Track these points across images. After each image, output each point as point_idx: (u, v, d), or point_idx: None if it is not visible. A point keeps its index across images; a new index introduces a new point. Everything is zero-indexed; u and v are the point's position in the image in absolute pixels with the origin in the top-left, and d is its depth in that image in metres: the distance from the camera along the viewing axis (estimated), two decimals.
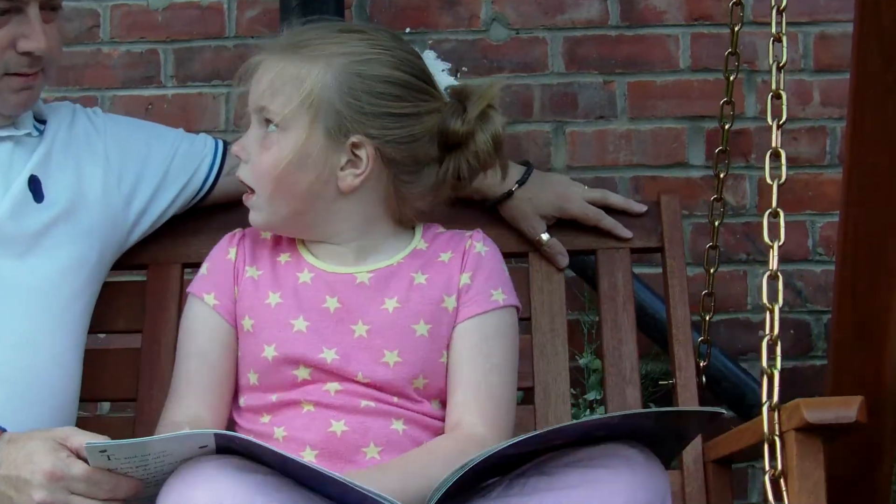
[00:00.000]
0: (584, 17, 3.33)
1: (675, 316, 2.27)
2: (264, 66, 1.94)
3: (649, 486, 1.69)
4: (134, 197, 2.17)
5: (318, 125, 1.90)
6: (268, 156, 1.91)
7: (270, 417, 1.91)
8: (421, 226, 2.05)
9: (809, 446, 1.77)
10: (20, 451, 1.73)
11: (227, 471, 1.62)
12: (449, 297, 1.95)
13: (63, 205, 2.07)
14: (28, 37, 2.00)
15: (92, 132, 2.17)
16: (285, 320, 1.92)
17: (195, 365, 1.96)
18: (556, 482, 1.69)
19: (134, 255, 2.24)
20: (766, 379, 1.81)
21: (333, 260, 1.98)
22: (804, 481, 1.76)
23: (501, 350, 1.95)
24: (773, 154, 1.94)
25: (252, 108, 1.95)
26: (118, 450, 1.66)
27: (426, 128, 1.95)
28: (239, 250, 2.01)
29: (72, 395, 2.07)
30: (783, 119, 1.91)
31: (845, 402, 1.77)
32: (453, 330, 1.94)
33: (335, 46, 1.92)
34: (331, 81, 1.89)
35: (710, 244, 2.45)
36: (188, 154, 2.24)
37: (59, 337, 2.04)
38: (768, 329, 1.83)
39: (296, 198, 1.93)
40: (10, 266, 2.00)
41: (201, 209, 2.28)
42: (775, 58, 1.92)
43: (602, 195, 2.32)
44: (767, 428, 1.78)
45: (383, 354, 1.91)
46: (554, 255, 2.28)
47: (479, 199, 2.28)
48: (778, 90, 1.91)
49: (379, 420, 1.88)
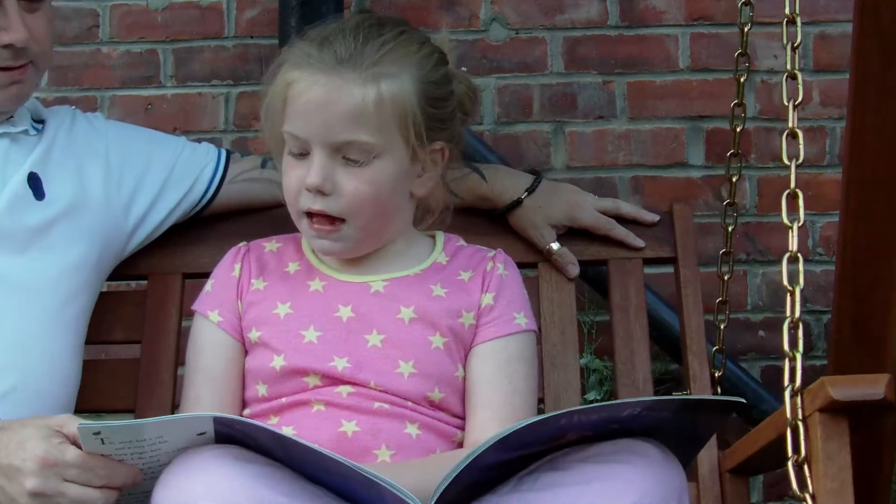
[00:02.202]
0: (584, 17, 3.33)
1: (688, 326, 2.23)
2: (334, 95, 1.80)
3: (666, 481, 1.63)
4: (133, 203, 2.15)
5: (409, 141, 1.84)
6: (366, 185, 1.82)
7: (279, 419, 1.86)
8: (442, 235, 2.02)
9: (834, 427, 1.71)
10: (12, 438, 1.68)
11: (225, 460, 1.57)
12: (468, 314, 1.91)
13: (65, 203, 2.06)
14: (6, 29, 1.98)
15: (93, 135, 2.16)
16: (296, 331, 1.88)
17: (201, 381, 1.93)
18: (568, 477, 1.64)
19: (134, 264, 2.22)
20: (787, 363, 1.76)
21: (347, 268, 1.94)
22: (829, 465, 1.69)
23: (524, 374, 1.90)
24: (791, 134, 1.89)
25: (324, 141, 1.81)
26: (112, 432, 1.60)
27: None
28: (244, 265, 1.97)
29: (67, 399, 2.05)
30: (799, 99, 1.89)
31: (873, 379, 1.71)
32: (471, 348, 1.91)
33: (402, 54, 1.84)
34: (414, 94, 1.83)
35: (724, 250, 2.39)
36: (189, 162, 2.21)
37: (55, 339, 2.02)
38: (789, 311, 1.78)
39: (387, 216, 1.89)
40: (6, 262, 1.98)
41: (202, 219, 2.25)
42: (790, 38, 1.88)
43: (613, 204, 2.27)
44: (790, 413, 1.73)
45: (398, 364, 1.86)
46: (564, 265, 2.24)
47: (488, 209, 2.24)
48: (793, 70, 1.88)
49: (392, 423, 1.83)
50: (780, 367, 3.14)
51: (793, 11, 1.89)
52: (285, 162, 1.88)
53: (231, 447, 1.61)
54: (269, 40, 3.31)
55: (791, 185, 1.87)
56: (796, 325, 1.78)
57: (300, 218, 1.89)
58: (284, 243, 2.01)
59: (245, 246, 2.01)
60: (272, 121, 1.88)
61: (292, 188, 1.86)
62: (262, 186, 2.20)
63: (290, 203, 1.89)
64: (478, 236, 2.14)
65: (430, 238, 2.01)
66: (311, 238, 1.90)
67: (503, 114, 3.31)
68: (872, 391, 1.69)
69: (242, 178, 2.25)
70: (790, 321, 1.77)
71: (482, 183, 2.19)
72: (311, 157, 1.83)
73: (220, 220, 2.26)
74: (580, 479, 1.63)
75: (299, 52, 1.85)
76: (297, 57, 1.84)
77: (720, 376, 2.34)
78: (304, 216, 1.88)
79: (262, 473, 1.57)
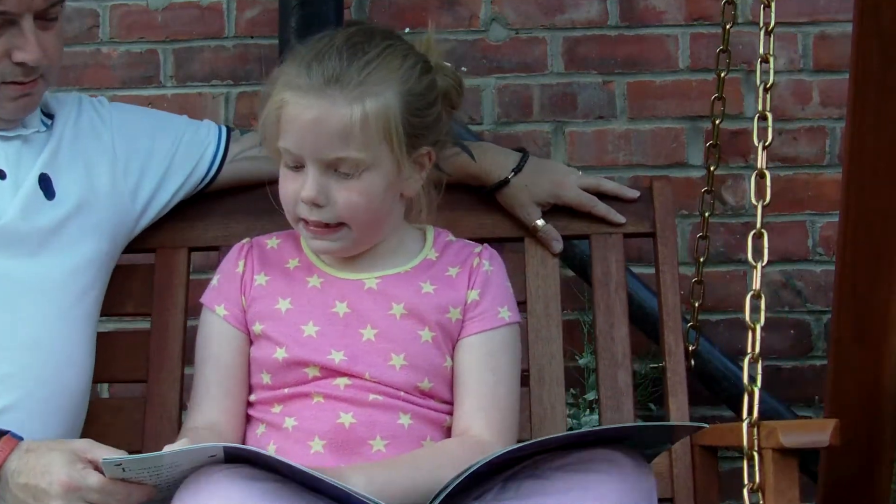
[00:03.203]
0: (584, 17, 3.33)
1: (665, 303, 2.31)
2: (323, 116, 1.90)
3: (638, 489, 1.76)
4: (140, 187, 2.20)
5: (396, 150, 1.93)
6: (358, 196, 1.93)
7: (282, 408, 1.98)
8: (432, 230, 2.12)
9: (785, 466, 1.84)
10: (38, 461, 1.79)
11: (235, 479, 1.68)
12: (454, 309, 2.02)
13: (74, 201, 2.09)
14: (22, 48, 2.01)
15: (98, 123, 2.19)
16: (296, 325, 2.00)
17: (210, 370, 2.04)
18: (549, 486, 1.76)
19: (142, 239, 2.29)
20: (746, 396, 1.87)
21: (343, 265, 2.05)
22: (780, 498, 1.83)
23: (507, 364, 2.03)
24: (759, 175, 2.00)
25: (316, 157, 1.91)
26: (133, 463, 1.72)
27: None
28: (247, 261, 2.08)
29: (83, 390, 2.11)
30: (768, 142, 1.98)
31: (819, 425, 1.84)
32: (458, 341, 2.03)
33: (385, 72, 1.93)
34: (398, 107, 1.93)
35: (700, 234, 2.54)
36: (192, 142, 2.27)
37: (70, 335, 2.07)
38: (749, 347, 1.90)
39: (381, 219, 2.00)
40: (22, 265, 2.01)
41: (207, 194, 2.33)
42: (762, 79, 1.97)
43: (596, 182, 2.36)
44: (747, 443, 1.85)
45: (390, 357, 1.98)
46: (549, 241, 2.33)
47: (477, 186, 2.33)
48: (765, 111, 1.97)
49: (386, 414, 1.95)
50: (778, 367, 3.16)
51: (766, 52, 1.95)
52: (281, 172, 1.98)
53: (242, 466, 1.72)
54: (269, 40, 3.31)
55: (758, 225, 1.97)
56: (756, 359, 1.90)
57: (297, 222, 1.99)
58: (284, 240, 2.11)
59: (248, 242, 2.11)
60: (268, 136, 1.97)
61: (289, 198, 1.97)
62: (262, 164, 2.24)
63: (286, 210, 1.99)
64: (467, 212, 2.30)
65: (420, 232, 2.12)
66: (309, 239, 2.00)
67: (503, 114, 3.31)
68: (819, 438, 1.83)
69: (243, 157, 2.31)
70: (751, 356, 1.90)
71: (471, 161, 2.27)
72: (305, 170, 1.93)
73: (224, 194, 2.35)
74: (560, 488, 1.75)
75: (290, 71, 1.95)
76: (288, 77, 1.94)
77: (694, 350, 2.51)
78: (300, 220, 1.98)
79: (270, 490, 1.69)
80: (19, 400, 1.97)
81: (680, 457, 2.22)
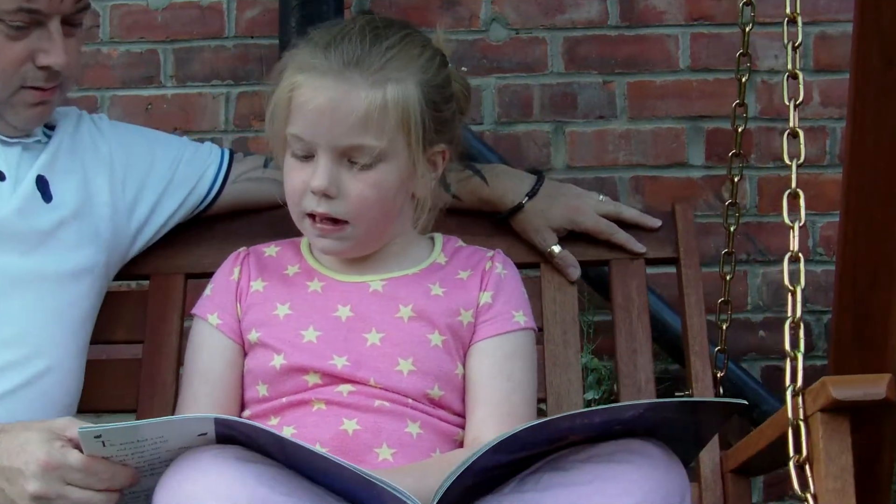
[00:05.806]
0: (584, 17, 3.33)
1: (691, 326, 2.22)
2: (341, 99, 1.81)
3: (668, 481, 1.63)
4: (138, 203, 2.15)
5: (413, 142, 1.85)
6: (370, 189, 1.84)
7: (279, 419, 1.86)
8: (441, 237, 2.02)
9: (836, 427, 1.70)
10: (13, 441, 1.68)
11: (225, 461, 1.56)
12: (466, 312, 1.92)
13: (71, 207, 2.06)
14: (48, 51, 1.97)
15: (98, 137, 2.16)
16: (295, 331, 1.89)
17: (199, 383, 1.93)
18: (570, 477, 1.64)
19: (136, 264, 2.21)
20: (788, 362, 1.75)
21: (345, 268, 1.95)
22: (831, 465, 1.68)
23: (522, 370, 1.91)
24: (792, 134, 1.90)
25: (330, 144, 1.82)
26: (113, 434, 1.60)
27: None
28: (243, 268, 1.98)
29: (70, 399, 2.04)
30: (800, 99, 1.90)
31: (874, 379, 1.70)
32: (470, 346, 1.91)
33: (406, 59, 1.85)
34: (418, 97, 1.84)
35: (726, 250, 2.39)
36: (191, 163, 2.21)
37: (59, 339, 2.02)
38: (790, 311, 1.77)
39: (390, 218, 1.91)
40: (15, 261, 1.98)
41: (205, 219, 2.25)
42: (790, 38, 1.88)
43: (616, 209, 2.25)
44: (791, 413, 1.73)
45: (397, 362, 1.87)
46: (565, 268, 2.22)
47: (490, 212, 2.23)
48: (794, 70, 1.89)
49: (394, 421, 1.83)
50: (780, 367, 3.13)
51: (793, 11, 1.90)
52: (287, 163, 1.88)
53: (232, 447, 1.60)
54: (269, 40, 3.31)
55: (792, 184, 1.87)
56: (798, 324, 1.77)
57: (302, 219, 1.89)
58: (283, 248, 2.02)
59: (245, 250, 2.02)
60: (276, 122, 1.88)
61: (295, 190, 1.86)
62: (265, 186, 2.20)
63: (291, 204, 1.89)
64: (480, 237, 2.15)
65: (428, 240, 2.02)
66: (314, 238, 1.90)
67: (503, 114, 3.32)
68: (874, 391, 1.69)
69: (245, 178, 2.25)
70: (791, 321, 1.77)
71: (484, 185, 2.19)
72: (315, 159, 1.83)
73: (221, 220, 2.26)
74: (583, 480, 1.62)
75: (305, 54, 1.85)
76: (303, 59, 1.85)
77: (722, 377, 2.33)
78: (306, 217, 1.88)
79: (262, 473, 1.57)
80: (5, 393, 1.91)
81: (710, 485, 2.11)
